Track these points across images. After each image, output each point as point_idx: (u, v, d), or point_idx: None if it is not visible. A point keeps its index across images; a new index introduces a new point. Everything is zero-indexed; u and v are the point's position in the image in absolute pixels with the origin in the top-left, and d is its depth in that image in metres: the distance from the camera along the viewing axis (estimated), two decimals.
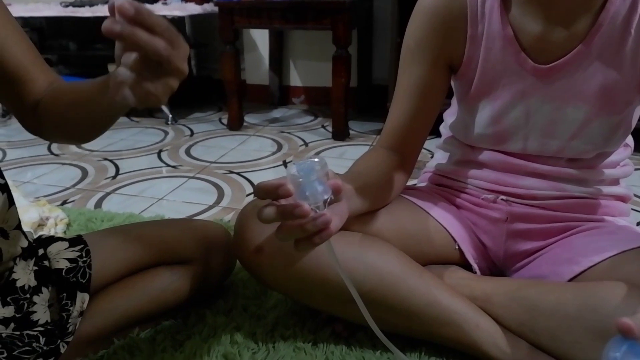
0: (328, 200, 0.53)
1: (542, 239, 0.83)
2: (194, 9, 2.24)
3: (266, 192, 0.53)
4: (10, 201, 0.71)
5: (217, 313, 0.90)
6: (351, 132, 2.12)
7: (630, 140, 0.85)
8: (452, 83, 0.84)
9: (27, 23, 2.58)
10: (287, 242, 0.56)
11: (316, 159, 0.53)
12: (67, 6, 2.32)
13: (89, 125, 0.67)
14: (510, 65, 0.74)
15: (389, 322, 0.75)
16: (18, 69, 0.68)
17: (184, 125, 2.31)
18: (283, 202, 0.53)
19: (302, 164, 0.52)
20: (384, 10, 2.37)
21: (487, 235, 0.88)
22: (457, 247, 0.86)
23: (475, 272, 0.85)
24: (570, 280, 0.74)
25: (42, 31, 2.67)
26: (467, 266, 0.86)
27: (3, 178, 0.69)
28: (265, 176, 1.66)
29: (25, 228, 0.75)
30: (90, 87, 0.62)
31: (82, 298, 0.75)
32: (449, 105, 0.92)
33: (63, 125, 0.68)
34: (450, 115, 0.91)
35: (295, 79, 2.67)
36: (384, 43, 2.42)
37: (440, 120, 0.92)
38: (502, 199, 0.84)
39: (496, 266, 0.90)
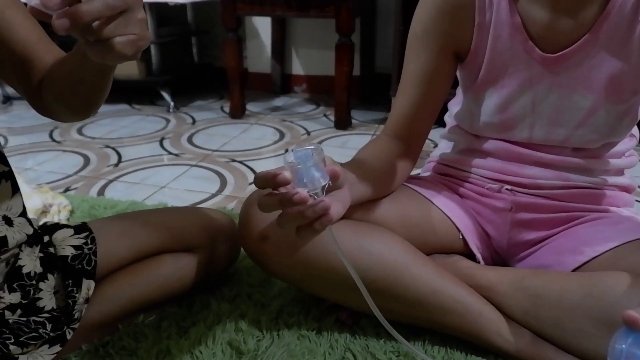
0: (326, 186, 0.53)
1: (546, 228, 0.83)
2: None
3: (265, 181, 0.53)
4: (15, 188, 0.71)
5: (222, 300, 0.90)
6: (353, 121, 2.11)
7: (635, 130, 0.85)
8: (458, 72, 0.84)
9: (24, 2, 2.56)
10: (290, 230, 0.56)
11: (312, 146, 0.53)
12: None
13: (84, 92, 0.65)
14: (518, 53, 0.74)
15: (393, 311, 0.75)
16: (25, 49, 0.67)
17: (185, 113, 2.30)
18: (283, 190, 0.53)
19: (298, 152, 0.52)
20: None
21: (491, 225, 0.88)
22: (461, 237, 0.86)
23: (479, 262, 0.86)
24: (575, 270, 0.74)
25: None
26: (470, 256, 0.86)
27: (7, 165, 0.69)
28: (267, 165, 1.66)
29: (29, 215, 0.75)
30: (74, 53, 0.61)
31: (88, 285, 0.75)
32: (454, 94, 0.92)
33: (62, 98, 0.67)
34: (455, 105, 0.90)
35: (297, 67, 2.66)
36: (387, 31, 2.41)
37: (444, 110, 0.91)
38: (506, 189, 0.84)
39: (500, 256, 0.90)
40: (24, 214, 0.73)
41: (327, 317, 0.86)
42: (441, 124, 0.96)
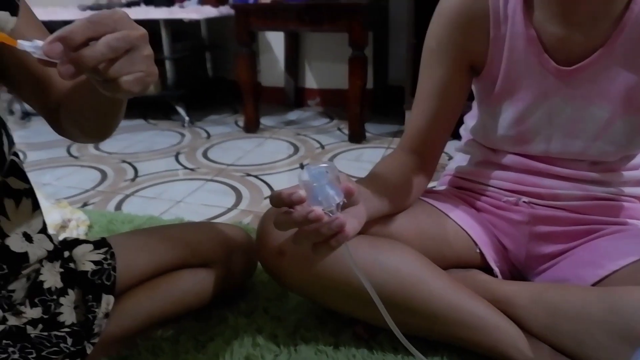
0: (341, 203, 0.54)
1: (564, 242, 0.82)
2: (210, 11, 2.26)
3: (280, 200, 0.54)
4: (35, 205, 0.72)
5: (239, 315, 0.90)
6: (367, 134, 2.12)
7: None
8: (474, 85, 0.84)
9: (45, 26, 2.61)
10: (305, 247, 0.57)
11: (326, 164, 0.54)
12: (84, 9, 2.36)
13: (97, 119, 0.66)
14: (533, 66, 0.74)
15: (410, 325, 0.75)
16: (43, 71, 0.69)
17: (200, 127, 2.32)
18: (298, 208, 0.54)
19: (312, 170, 0.53)
20: (399, 11, 2.37)
21: (508, 238, 0.88)
22: (477, 250, 0.86)
23: (497, 276, 0.85)
24: (594, 284, 0.74)
25: None
26: (488, 269, 0.86)
27: (28, 183, 0.71)
28: (282, 179, 1.67)
29: (48, 230, 0.76)
30: (86, 82, 0.61)
31: (107, 300, 0.76)
32: (469, 107, 0.92)
33: (77, 123, 0.69)
34: (471, 118, 0.90)
35: (310, 81, 2.68)
36: (400, 44, 2.42)
37: (460, 123, 0.91)
38: (523, 201, 0.84)
39: (517, 269, 0.89)
40: (44, 230, 0.74)
41: (344, 331, 0.86)
42: (457, 136, 0.96)
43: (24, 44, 0.46)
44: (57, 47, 0.44)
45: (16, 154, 0.68)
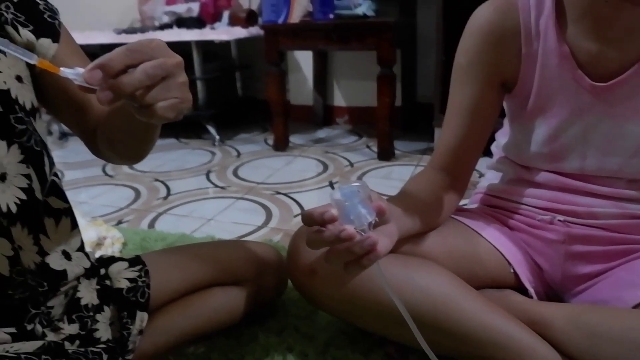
0: (373, 222, 0.54)
1: (603, 262, 0.80)
2: (240, 32, 2.31)
3: (312, 219, 0.55)
4: (74, 224, 0.74)
5: (269, 333, 0.91)
6: (396, 151, 2.11)
7: None
8: (505, 102, 0.83)
9: (83, 49, 2.71)
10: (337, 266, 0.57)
11: (358, 183, 0.55)
12: (119, 33, 2.44)
13: (132, 143, 0.69)
14: (567, 82, 0.73)
15: (442, 346, 0.73)
16: (83, 95, 0.71)
17: (230, 146, 2.36)
18: (330, 227, 0.54)
19: (344, 189, 0.54)
20: (427, 28, 2.37)
21: (544, 258, 0.86)
22: (511, 270, 0.84)
23: (532, 297, 0.83)
24: (635, 306, 0.71)
25: (96, 57, 2.80)
26: (522, 290, 0.84)
27: (67, 202, 0.73)
28: (311, 197, 1.68)
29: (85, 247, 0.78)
30: (122, 108, 0.64)
31: (142, 317, 0.77)
32: (501, 124, 0.91)
33: (113, 146, 0.71)
34: (502, 136, 0.90)
35: (339, 99, 2.70)
36: (428, 61, 2.42)
37: (491, 140, 0.91)
38: (559, 220, 0.82)
39: (553, 290, 0.87)
40: (81, 248, 0.76)
41: (375, 351, 0.85)
42: (488, 154, 0.95)
43: (66, 72, 0.48)
44: (97, 75, 0.46)
45: (56, 175, 0.71)
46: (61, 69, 0.48)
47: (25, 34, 0.66)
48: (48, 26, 0.69)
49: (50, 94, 0.71)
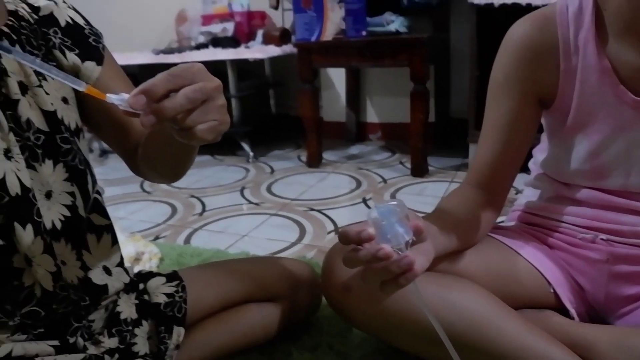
0: (410, 241, 0.54)
1: None
2: (274, 50, 2.35)
3: (349, 238, 0.55)
4: (114, 240, 0.76)
5: (303, 350, 0.90)
6: (430, 168, 2.09)
7: None
8: (544, 118, 0.82)
9: (123, 70, 2.80)
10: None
11: (395, 202, 0.55)
12: (158, 53, 2.51)
13: (171, 163, 0.71)
14: (608, 98, 0.71)
15: None
16: (125, 116, 0.74)
17: (264, 162, 2.39)
18: (367, 246, 0.54)
19: (382, 208, 0.54)
20: (461, 43, 2.36)
21: (585, 278, 0.83)
22: (551, 290, 0.82)
23: (573, 318, 0.81)
24: None
25: (135, 77, 2.90)
26: (563, 311, 0.82)
27: (108, 219, 0.75)
28: (344, 213, 1.68)
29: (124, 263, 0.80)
30: (163, 130, 0.66)
31: (178, 332, 0.78)
32: (539, 140, 0.90)
33: (152, 165, 0.74)
34: (540, 152, 0.88)
35: (372, 115, 2.70)
36: (462, 76, 2.40)
37: (529, 156, 0.89)
38: (601, 239, 0.79)
39: (596, 312, 0.84)
40: (121, 263, 0.78)
41: None
42: (525, 170, 0.94)
43: (112, 98, 0.50)
44: (141, 100, 0.48)
45: (99, 192, 0.73)
46: (107, 95, 0.50)
47: (72, 57, 0.69)
48: (92, 50, 0.72)
49: (93, 115, 0.74)
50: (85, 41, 0.72)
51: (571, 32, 0.72)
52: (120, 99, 0.50)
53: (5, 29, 0.63)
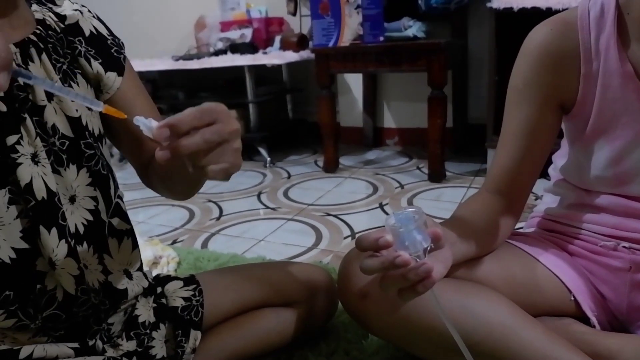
0: (428, 248, 0.54)
1: None
2: (291, 56, 2.36)
3: (366, 245, 0.55)
4: (134, 245, 0.77)
5: (319, 356, 0.90)
6: (447, 173, 2.08)
7: None
8: (564, 123, 0.81)
9: (143, 76, 2.85)
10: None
11: (413, 209, 0.54)
12: (177, 60, 2.54)
13: (183, 184, 0.71)
14: (631, 103, 0.70)
15: None
16: (139, 130, 0.75)
17: (281, 167, 2.39)
18: (384, 252, 0.54)
19: (400, 215, 0.54)
20: (479, 48, 2.35)
21: (607, 286, 0.81)
22: (572, 298, 0.81)
23: (594, 326, 0.79)
24: None
25: (155, 82, 2.94)
26: (584, 319, 0.80)
27: (129, 223, 0.76)
28: (361, 219, 1.67)
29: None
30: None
31: (195, 335, 0.78)
32: (558, 146, 0.88)
33: (164, 184, 0.74)
34: (560, 157, 0.87)
35: (389, 121, 2.70)
36: (480, 81, 2.39)
37: (549, 162, 0.88)
38: (623, 246, 0.78)
39: (618, 320, 0.82)
40: (141, 268, 0.79)
41: None
42: (544, 175, 0.92)
43: (139, 121, 0.51)
44: (165, 133, 0.50)
45: (120, 197, 0.74)
46: (136, 117, 0.52)
47: (96, 66, 0.71)
48: (114, 60, 0.74)
49: (112, 123, 0.75)
50: (108, 52, 0.73)
51: (592, 37, 0.71)
52: (147, 125, 0.51)
53: (33, 37, 0.64)
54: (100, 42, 0.73)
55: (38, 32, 0.65)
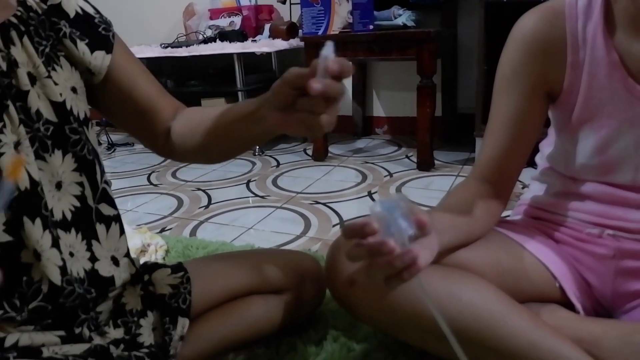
0: (413, 235, 0.54)
1: None
2: (281, 44, 2.34)
3: (353, 232, 0.55)
4: (121, 230, 0.76)
5: (308, 343, 0.90)
6: (436, 162, 2.09)
7: None
8: (551, 112, 0.81)
9: None
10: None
11: (399, 196, 0.54)
12: (166, 47, 2.51)
13: (233, 149, 0.74)
14: (617, 91, 0.71)
15: None
16: (148, 102, 0.76)
17: (270, 156, 2.39)
18: (370, 240, 0.54)
19: (385, 202, 0.54)
20: (469, 37, 2.35)
21: (592, 273, 0.82)
22: (557, 285, 0.82)
23: (579, 313, 0.80)
24: None
25: None
26: (569, 306, 0.81)
27: (116, 209, 0.75)
28: (350, 207, 1.67)
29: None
30: (234, 116, 0.68)
31: (183, 323, 0.78)
32: (545, 134, 0.89)
33: (207, 150, 0.75)
34: (547, 146, 0.87)
35: (378, 109, 2.69)
36: (469, 71, 2.39)
37: (535, 150, 0.88)
38: (608, 234, 0.79)
39: (603, 307, 0.84)
40: (128, 254, 0.78)
41: None
42: (531, 164, 0.93)
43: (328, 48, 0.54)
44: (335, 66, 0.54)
45: (107, 182, 0.73)
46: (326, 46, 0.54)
47: (82, 47, 0.70)
48: (102, 38, 0.72)
49: (113, 102, 0.75)
50: (95, 31, 0.72)
51: (579, 25, 0.71)
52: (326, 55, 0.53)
53: (14, 20, 0.63)
54: (86, 22, 0.71)
55: (19, 14, 0.64)
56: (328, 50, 0.53)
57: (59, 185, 0.65)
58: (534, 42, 0.74)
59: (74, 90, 0.69)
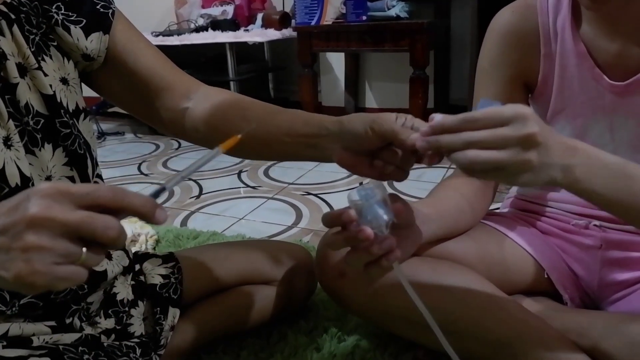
0: (390, 222, 0.54)
1: None
2: (274, 34, 2.33)
3: (331, 220, 0.55)
4: None
5: (299, 333, 0.91)
6: None
7: None
8: (531, 105, 0.82)
9: None
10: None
11: (375, 184, 0.54)
12: (157, 35, 2.49)
13: (268, 156, 0.72)
14: (587, 82, 0.72)
15: (474, 353, 0.72)
16: (156, 78, 0.72)
17: None
18: (349, 228, 0.54)
19: (361, 190, 0.54)
20: (461, 29, 2.35)
21: (579, 264, 0.83)
22: (546, 276, 0.83)
23: (566, 304, 0.81)
24: None
25: None
26: (556, 297, 0.82)
27: None
28: (341, 198, 1.68)
29: None
30: (286, 129, 0.65)
31: (174, 313, 0.78)
32: None
33: (237, 149, 0.71)
34: None
35: (370, 101, 2.69)
36: (462, 63, 2.39)
37: None
38: (594, 225, 0.80)
39: (590, 298, 0.85)
40: (122, 247, 0.78)
41: (403, 354, 0.84)
42: None
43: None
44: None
45: (99, 176, 0.72)
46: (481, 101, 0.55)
47: (76, 32, 0.67)
48: (100, 17, 0.69)
49: (119, 83, 0.72)
50: (93, 9, 0.68)
51: (550, 19, 0.74)
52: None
53: (4, 8, 0.61)
54: (82, 3, 0.68)
55: (9, 1, 0.62)
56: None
57: (48, 180, 0.64)
58: (509, 35, 0.77)
59: (64, 81, 0.67)
